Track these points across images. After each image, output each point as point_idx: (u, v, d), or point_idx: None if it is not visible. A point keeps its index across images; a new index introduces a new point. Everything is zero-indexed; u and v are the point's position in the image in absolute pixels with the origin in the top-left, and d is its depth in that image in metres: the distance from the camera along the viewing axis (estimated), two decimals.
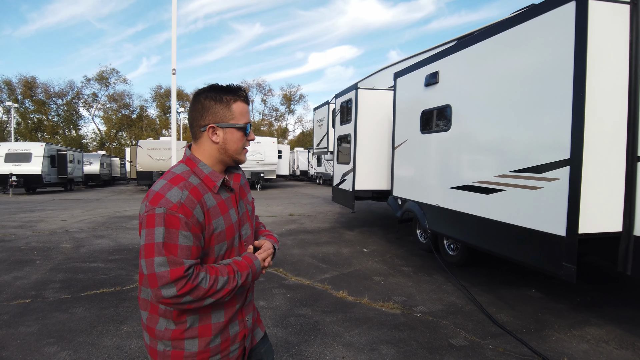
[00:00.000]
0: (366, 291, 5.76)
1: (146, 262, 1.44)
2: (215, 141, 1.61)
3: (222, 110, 1.60)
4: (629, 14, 4.13)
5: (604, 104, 4.04)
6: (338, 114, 10.63)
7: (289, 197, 20.20)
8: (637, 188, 4.04)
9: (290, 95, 66.60)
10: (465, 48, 5.74)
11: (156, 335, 1.58)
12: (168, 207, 1.45)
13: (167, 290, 1.42)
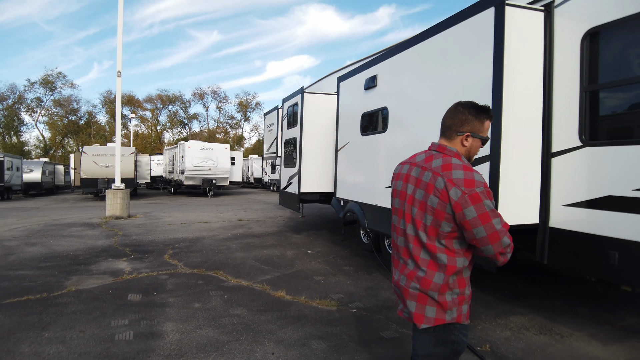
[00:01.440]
0: (305, 290, 5.77)
1: (485, 226, 1.93)
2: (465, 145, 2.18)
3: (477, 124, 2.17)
4: (543, 20, 4.44)
5: (520, 104, 4.30)
6: (285, 118, 10.67)
7: (240, 204, 19.95)
8: (552, 182, 4.32)
9: (247, 102, 66.12)
10: (400, 53, 5.95)
11: (448, 288, 2.06)
12: (483, 184, 1.99)
13: (505, 240, 1.97)
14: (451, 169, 2.01)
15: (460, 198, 1.94)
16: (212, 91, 64.82)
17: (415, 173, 2.18)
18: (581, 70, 4.07)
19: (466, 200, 1.93)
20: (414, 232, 2.13)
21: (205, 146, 25.17)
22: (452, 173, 2.00)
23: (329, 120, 9.08)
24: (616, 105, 4.04)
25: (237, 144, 64.64)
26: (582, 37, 4.07)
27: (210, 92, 64.75)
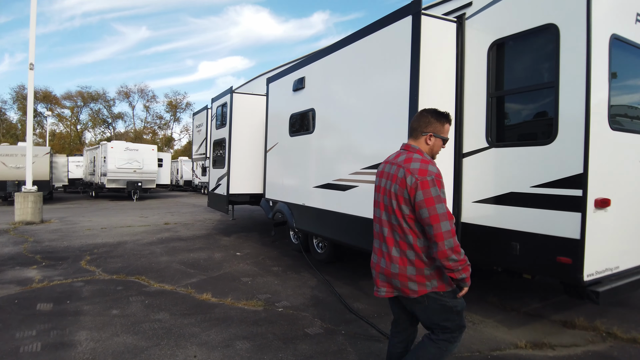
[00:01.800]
0: (232, 292, 5.69)
1: (429, 208, 2.34)
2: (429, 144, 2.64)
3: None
4: (455, 31, 4.77)
5: (436, 104, 4.53)
6: (214, 118, 10.45)
7: (167, 207, 19.17)
8: (463, 181, 4.65)
9: (177, 102, 63.61)
10: (326, 56, 6.09)
11: (424, 264, 2.47)
12: (435, 174, 2.41)
13: (446, 224, 2.35)
14: (411, 162, 2.49)
15: (413, 184, 2.41)
16: (139, 90, 61.58)
17: (387, 169, 2.65)
18: (488, 77, 4.43)
19: (417, 185, 2.39)
20: (387, 217, 2.59)
21: (130, 147, 23.88)
22: (410, 164, 2.48)
23: (259, 121, 9.04)
24: (518, 110, 4.44)
25: (166, 145, 62.01)
26: (488, 48, 4.43)
27: (137, 90, 61.49)
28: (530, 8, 4.07)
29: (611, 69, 3.76)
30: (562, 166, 3.74)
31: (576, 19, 3.66)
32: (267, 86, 8.16)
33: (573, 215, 3.64)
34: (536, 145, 3.98)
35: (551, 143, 3.82)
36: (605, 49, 3.71)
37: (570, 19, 3.72)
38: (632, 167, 4.08)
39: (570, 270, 3.68)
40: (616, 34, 3.81)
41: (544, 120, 4.05)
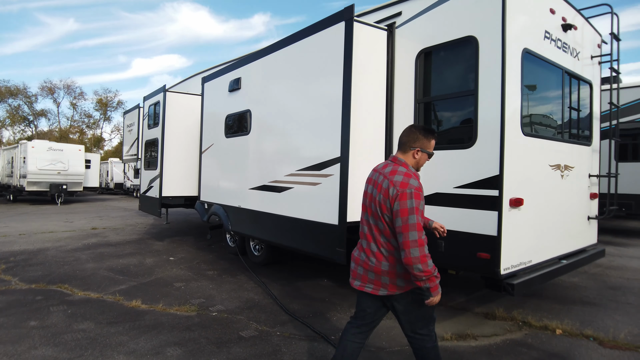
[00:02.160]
0: (163, 298, 5.50)
1: (402, 218, 2.55)
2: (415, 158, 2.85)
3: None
4: (386, 38, 4.96)
5: (367, 111, 4.74)
6: (146, 118, 10.03)
7: (96, 211, 18.08)
8: None
9: (107, 100, 59.97)
10: (262, 57, 6.08)
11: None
12: (415, 187, 2.61)
13: (414, 234, 2.53)
14: (395, 174, 2.70)
15: (394, 195, 2.62)
16: (65, 85, 57.18)
17: (375, 177, 2.86)
18: (415, 84, 4.66)
19: (397, 196, 2.60)
20: (374, 222, 2.80)
21: (53, 147, 22.20)
22: (394, 177, 2.69)
23: (194, 122, 8.82)
24: (442, 115, 4.71)
25: (95, 145, 58.32)
26: (416, 56, 4.67)
27: (63, 86, 57.06)
28: (454, 20, 4.34)
29: (523, 80, 4.11)
30: (481, 168, 4.02)
31: (493, 32, 3.96)
32: (202, 86, 7.98)
33: (491, 213, 3.93)
34: (459, 149, 4.25)
35: (472, 147, 4.11)
36: (518, 61, 4.05)
37: (487, 33, 4.01)
38: (542, 169, 4.48)
39: (489, 265, 3.96)
40: (527, 48, 4.18)
41: (465, 125, 4.34)
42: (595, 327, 4.53)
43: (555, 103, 4.94)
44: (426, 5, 4.57)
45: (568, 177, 4.95)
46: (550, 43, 4.59)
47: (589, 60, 5.50)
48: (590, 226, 5.64)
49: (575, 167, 5.10)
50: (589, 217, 5.56)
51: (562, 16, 4.77)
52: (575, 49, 5.11)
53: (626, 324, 4.67)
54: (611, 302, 5.45)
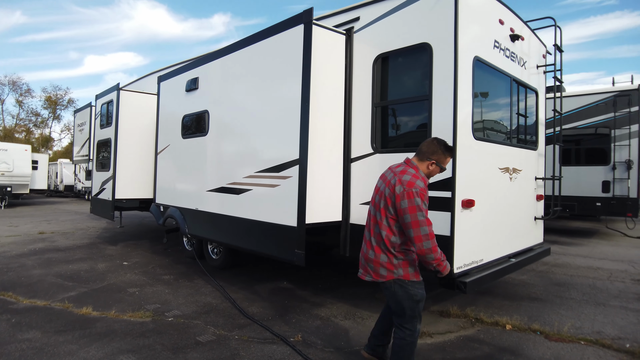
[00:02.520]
0: (116, 304, 5.31)
1: (411, 215, 2.86)
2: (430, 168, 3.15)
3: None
4: (345, 43, 5.04)
5: (325, 114, 4.79)
6: (99, 117, 9.65)
7: (44, 215, 17.15)
8: (351, 184, 4.92)
9: (57, 98, 56.92)
10: (220, 57, 6.00)
11: (393, 255, 3.02)
12: (420, 188, 2.91)
13: (425, 229, 2.88)
14: (404, 174, 3.01)
15: (400, 192, 2.92)
16: (10, 81, 53.71)
17: (387, 174, 3.18)
18: (373, 88, 4.76)
19: (404, 194, 2.90)
20: (374, 213, 3.14)
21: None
22: (403, 176, 2.99)
23: (150, 122, 8.57)
24: (399, 119, 4.84)
25: (43, 146, 55.26)
26: (373, 60, 4.77)
27: (8, 82, 53.58)
28: (410, 27, 4.47)
29: (474, 87, 4.29)
30: None
31: (446, 40, 4.11)
32: (158, 85, 7.78)
33: (444, 214, 4.07)
34: (414, 152, 4.37)
35: None
36: (470, 68, 4.23)
37: (441, 40, 4.16)
38: (492, 172, 4.69)
39: None
40: (478, 56, 4.37)
41: (420, 129, 4.47)
42: (542, 322, 4.78)
43: (504, 109, 5.19)
44: (383, 11, 4.68)
45: (516, 179, 5.20)
46: (499, 52, 4.82)
47: (535, 69, 5.81)
48: (537, 226, 5.96)
49: (522, 170, 5.37)
50: (535, 218, 5.86)
51: (510, 27, 5.02)
52: (522, 58, 5.39)
53: (569, 317, 4.96)
54: (556, 297, 5.77)
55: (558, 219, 13.21)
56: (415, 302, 3.09)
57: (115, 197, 8.43)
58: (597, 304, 5.49)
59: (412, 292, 3.06)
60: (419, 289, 3.10)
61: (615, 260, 8.33)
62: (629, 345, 4.18)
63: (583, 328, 4.64)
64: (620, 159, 10.49)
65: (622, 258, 8.60)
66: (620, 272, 7.29)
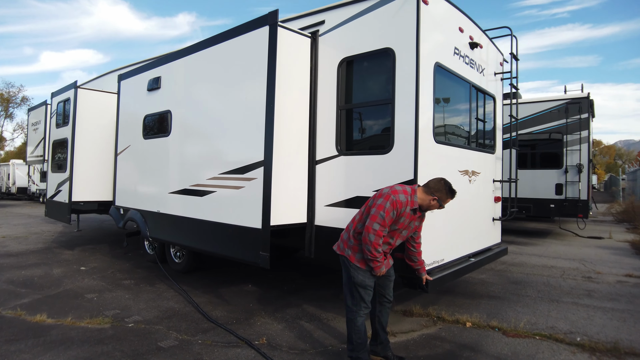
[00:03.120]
0: (73, 310, 5.10)
1: (376, 211, 3.32)
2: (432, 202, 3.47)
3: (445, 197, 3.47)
4: (310, 45, 5.06)
5: (291, 116, 4.80)
6: (55, 116, 9.26)
7: None
8: (316, 185, 4.95)
9: (9, 96, 54.05)
10: (184, 57, 5.90)
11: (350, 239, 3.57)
12: (399, 201, 3.35)
13: (376, 225, 3.30)
14: (399, 186, 3.48)
15: (383, 192, 3.43)
16: None
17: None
18: (338, 91, 4.81)
19: (384, 195, 3.39)
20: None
21: None
22: (396, 187, 3.46)
23: (109, 121, 8.30)
24: (363, 122, 4.91)
25: None
26: (338, 64, 4.82)
27: None
28: (373, 32, 4.55)
29: (435, 92, 4.42)
30: (398, 173, 4.25)
31: (408, 45, 4.22)
32: (118, 84, 7.55)
33: None
34: (377, 154, 4.45)
35: (389, 152, 4.33)
36: (431, 74, 4.35)
37: (403, 46, 4.27)
38: (452, 174, 4.83)
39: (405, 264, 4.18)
40: (439, 62, 4.50)
41: (384, 132, 4.56)
42: (500, 319, 4.96)
43: (463, 114, 5.37)
44: (348, 16, 4.74)
45: (475, 182, 5.39)
46: (459, 59, 4.99)
47: (493, 76, 6.05)
48: (495, 227, 6.18)
49: (481, 173, 5.57)
50: (493, 219, 6.08)
51: (469, 35, 5.21)
52: (480, 65, 5.59)
53: (525, 314, 5.18)
54: (513, 295, 6.01)
55: (515, 220, 13.75)
56: (354, 284, 3.50)
57: (72, 199, 8.11)
58: (551, 301, 5.75)
59: (352, 274, 3.50)
60: (359, 275, 3.47)
61: (567, 259, 8.76)
62: (579, 338, 4.41)
63: (538, 324, 4.85)
64: (572, 163, 11.06)
65: (573, 257, 9.05)
66: (572, 270, 7.67)
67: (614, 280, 6.93)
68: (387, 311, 3.81)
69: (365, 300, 3.52)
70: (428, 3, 4.25)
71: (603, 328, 4.75)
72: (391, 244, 3.58)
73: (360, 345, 3.51)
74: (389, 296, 3.76)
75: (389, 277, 3.72)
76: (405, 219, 3.43)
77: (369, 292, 3.53)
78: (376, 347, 3.81)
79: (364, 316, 3.55)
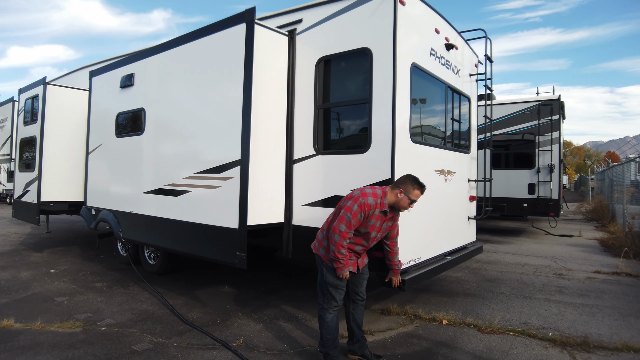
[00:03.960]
0: (42, 314, 4.93)
1: (344, 210, 3.39)
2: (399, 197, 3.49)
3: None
4: (287, 44, 5.03)
5: (268, 115, 4.76)
6: (22, 113, 8.93)
7: None
8: (294, 185, 4.92)
9: None
10: (159, 53, 5.78)
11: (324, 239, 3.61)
12: (367, 203, 3.38)
13: (342, 226, 3.35)
14: (369, 189, 3.52)
15: (353, 195, 3.47)
16: None
17: None
18: (315, 90, 4.79)
19: (353, 197, 3.42)
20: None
21: None
22: (366, 189, 3.50)
23: (80, 119, 8.06)
24: (341, 121, 4.91)
25: None
26: (316, 63, 4.81)
27: None
28: (351, 32, 4.55)
29: (412, 92, 4.46)
30: (375, 172, 4.26)
31: (385, 46, 4.24)
32: (90, 80, 7.35)
33: None
34: (355, 154, 4.46)
35: (367, 152, 4.34)
36: (408, 74, 4.39)
37: (380, 46, 4.28)
38: (428, 174, 4.88)
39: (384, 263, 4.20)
40: (415, 62, 4.54)
41: (361, 132, 4.57)
42: (475, 316, 5.05)
43: (439, 114, 5.44)
44: (325, 15, 4.73)
45: (451, 181, 5.46)
46: (435, 60, 5.04)
47: (468, 77, 6.15)
48: (470, 225, 6.29)
49: (456, 172, 5.65)
50: (468, 218, 6.18)
51: (445, 36, 5.28)
52: (456, 66, 5.67)
53: (499, 310, 5.28)
54: (488, 292, 6.12)
55: (489, 219, 14.04)
56: (325, 282, 3.58)
57: (40, 199, 7.84)
58: (524, 297, 5.88)
59: (323, 272, 3.60)
60: (329, 274, 3.54)
61: (539, 257, 8.99)
62: (551, 334, 4.52)
63: (512, 320, 4.95)
64: (544, 163, 11.36)
65: (545, 254, 9.30)
66: (544, 268, 7.88)
67: (584, 277, 7.15)
68: (361, 309, 3.84)
69: (336, 299, 3.58)
70: (405, 4, 4.29)
71: (573, 323, 4.89)
72: (365, 246, 3.62)
73: (330, 341, 3.57)
74: (361, 294, 3.79)
75: (362, 275, 3.77)
76: (375, 221, 3.47)
77: (340, 291, 3.58)
78: (353, 346, 3.82)
79: (333, 313, 3.61)
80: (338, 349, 3.65)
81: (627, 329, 4.75)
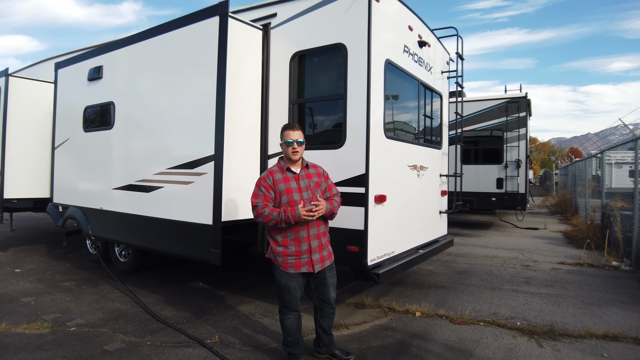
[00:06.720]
0: (7, 316, 4.76)
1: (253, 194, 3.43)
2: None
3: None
4: (262, 38, 4.99)
5: (242, 110, 4.72)
6: None
7: None
8: None
9: None
10: (129, 45, 5.64)
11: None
12: (261, 178, 3.45)
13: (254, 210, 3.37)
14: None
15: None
16: None
17: None
18: (290, 85, 4.78)
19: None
20: None
21: None
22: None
23: (46, 113, 7.77)
24: (315, 117, 4.92)
25: None
26: (290, 58, 4.79)
27: None
28: (326, 27, 4.56)
29: (386, 88, 4.51)
30: (351, 168, 4.30)
31: (360, 42, 4.26)
32: (55, 72, 7.09)
33: (358, 209, 4.22)
34: (330, 149, 4.49)
35: (341, 147, 4.37)
36: (382, 70, 4.43)
37: (355, 42, 4.31)
38: (401, 169, 4.96)
39: (358, 257, 4.26)
40: (389, 59, 4.59)
41: (335, 127, 4.60)
42: (447, 307, 5.18)
43: (412, 111, 5.52)
44: (300, 9, 4.72)
45: (423, 176, 5.57)
46: (408, 57, 5.11)
47: (440, 74, 6.26)
48: (442, 219, 6.43)
49: (429, 167, 5.76)
50: (440, 212, 6.32)
51: (418, 33, 5.35)
52: (429, 63, 5.77)
53: (470, 302, 5.43)
54: (459, 284, 6.28)
55: (459, 213, 14.38)
56: (279, 290, 3.52)
57: (3, 196, 7.52)
58: (493, 289, 6.07)
59: (276, 276, 3.54)
60: (276, 274, 3.50)
61: (507, 249, 9.29)
62: (519, 323, 4.69)
63: (482, 311, 5.10)
64: (511, 159, 11.71)
65: (513, 247, 9.61)
66: (511, 260, 8.14)
67: (549, 268, 7.44)
68: (330, 317, 3.65)
69: (289, 307, 3.46)
70: (379, 0, 4.32)
71: (540, 312, 5.08)
72: (303, 227, 3.33)
73: (292, 342, 3.52)
74: (328, 301, 3.55)
75: (324, 280, 3.49)
76: (285, 184, 3.34)
77: (291, 294, 3.41)
78: (320, 348, 3.76)
79: (292, 319, 3.50)
80: (301, 347, 3.60)
81: (590, 316, 4.98)
